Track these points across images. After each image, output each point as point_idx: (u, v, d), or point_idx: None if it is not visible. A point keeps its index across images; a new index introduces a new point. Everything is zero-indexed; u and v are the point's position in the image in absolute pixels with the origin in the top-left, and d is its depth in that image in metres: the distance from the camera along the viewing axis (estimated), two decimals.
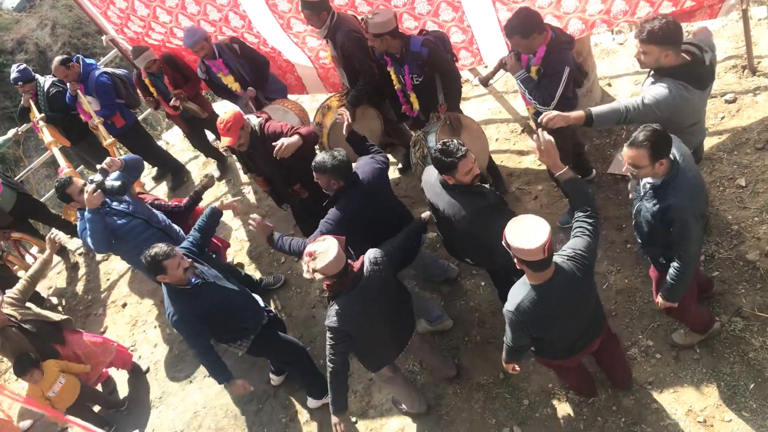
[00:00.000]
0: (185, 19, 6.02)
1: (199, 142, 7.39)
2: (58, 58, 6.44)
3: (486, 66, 6.17)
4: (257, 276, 6.12)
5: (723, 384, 4.05)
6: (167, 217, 5.31)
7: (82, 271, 7.48)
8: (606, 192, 5.20)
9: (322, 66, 6.20)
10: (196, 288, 4.20)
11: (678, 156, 3.27)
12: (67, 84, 6.49)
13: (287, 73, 6.51)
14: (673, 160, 3.23)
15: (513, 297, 3.24)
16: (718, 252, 4.53)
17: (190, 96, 6.45)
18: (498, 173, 5.58)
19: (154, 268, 4.03)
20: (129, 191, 5.03)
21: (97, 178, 4.88)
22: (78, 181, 4.92)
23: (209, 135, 7.38)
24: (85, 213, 4.79)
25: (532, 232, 2.95)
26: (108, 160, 5.03)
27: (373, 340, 3.92)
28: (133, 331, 6.45)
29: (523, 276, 3.23)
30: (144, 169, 5.41)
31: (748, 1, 4.96)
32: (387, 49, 4.74)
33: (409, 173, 6.08)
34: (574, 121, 3.69)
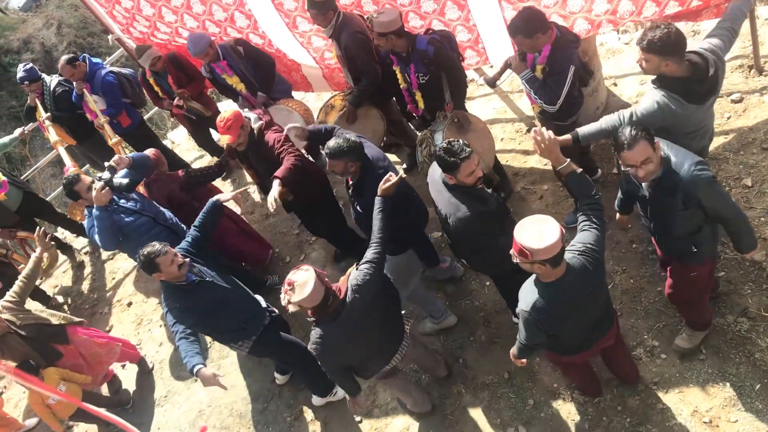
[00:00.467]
0: (190, 19, 6.03)
1: (204, 141, 7.42)
2: (65, 58, 6.46)
3: (492, 66, 6.17)
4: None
5: (729, 385, 4.04)
6: (199, 181, 5.40)
7: (88, 269, 7.51)
8: (611, 192, 5.17)
9: (327, 66, 6.20)
10: (193, 285, 4.21)
11: (661, 143, 3.24)
12: (74, 83, 6.51)
13: (292, 71, 6.51)
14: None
15: (526, 296, 3.22)
16: (724, 252, 4.51)
17: (193, 95, 6.47)
18: (503, 173, 5.57)
19: (147, 266, 4.05)
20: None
21: (105, 175, 4.90)
22: (86, 178, 4.96)
23: (214, 134, 7.39)
24: (93, 210, 4.83)
25: (543, 230, 2.93)
26: (116, 157, 5.06)
27: (360, 356, 3.91)
28: (138, 329, 6.46)
29: (532, 276, 3.22)
30: (151, 167, 5.42)
31: (755, 0, 4.95)
32: (392, 47, 4.74)
33: (415, 172, 6.08)
34: (562, 143, 3.57)
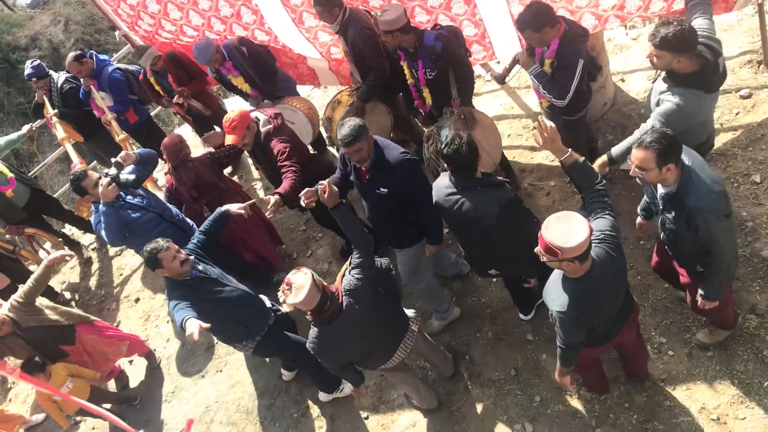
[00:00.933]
0: (196, 16, 6.02)
1: None
2: (72, 54, 6.48)
3: (498, 62, 6.15)
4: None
5: (737, 382, 4.03)
6: (224, 161, 5.45)
7: (95, 266, 7.54)
8: (619, 188, 5.17)
9: (334, 60, 6.19)
10: (196, 280, 4.23)
11: (687, 160, 3.20)
12: (81, 80, 6.53)
13: (299, 64, 6.48)
14: (683, 166, 3.17)
15: (557, 298, 3.14)
16: None
17: (194, 93, 6.46)
18: (510, 169, 5.55)
19: (150, 262, 4.08)
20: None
21: (112, 171, 4.92)
22: (93, 174, 4.97)
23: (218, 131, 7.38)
24: (100, 206, 4.85)
25: (571, 227, 2.87)
26: (123, 153, 5.07)
27: (360, 353, 3.92)
28: (145, 325, 6.48)
29: (555, 274, 3.19)
30: (158, 164, 5.45)
31: None
32: (399, 44, 4.73)
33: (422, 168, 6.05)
34: (599, 169, 3.75)
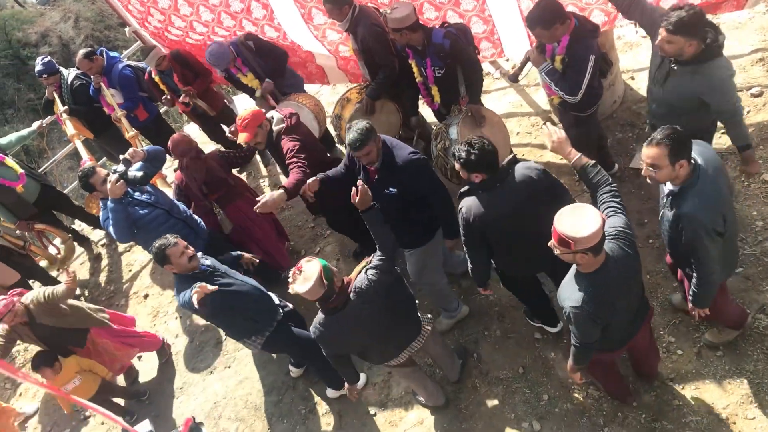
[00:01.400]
0: (206, 12, 6.01)
1: (216, 136, 7.41)
2: (82, 51, 6.50)
3: (507, 59, 6.12)
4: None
5: (746, 381, 4.00)
6: (233, 162, 5.46)
7: (105, 262, 7.58)
8: (628, 186, 5.14)
9: (342, 58, 6.18)
10: (205, 273, 4.26)
11: (702, 162, 3.16)
12: (91, 77, 6.54)
13: (308, 62, 6.47)
14: (695, 167, 3.13)
15: (572, 294, 3.12)
16: (742, 248, 4.45)
17: (199, 92, 6.46)
18: None
19: (159, 258, 4.13)
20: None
21: (120, 168, 4.94)
22: (101, 170, 5.00)
23: (225, 129, 7.39)
24: (108, 203, 4.87)
25: (584, 218, 2.85)
26: (131, 150, 5.09)
27: (362, 347, 3.91)
28: (154, 321, 6.52)
29: (568, 276, 3.18)
30: (166, 161, 5.46)
31: None
32: (408, 42, 4.72)
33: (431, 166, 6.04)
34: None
